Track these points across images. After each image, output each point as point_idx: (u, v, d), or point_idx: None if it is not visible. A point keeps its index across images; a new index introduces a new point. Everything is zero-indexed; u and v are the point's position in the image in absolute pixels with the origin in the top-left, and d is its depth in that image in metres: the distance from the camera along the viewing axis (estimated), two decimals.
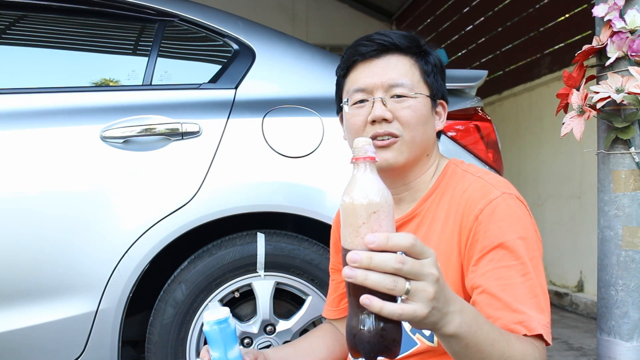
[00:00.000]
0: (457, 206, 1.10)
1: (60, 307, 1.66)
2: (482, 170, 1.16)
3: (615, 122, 1.40)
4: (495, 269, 1.00)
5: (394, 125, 1.12)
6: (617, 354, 1.43)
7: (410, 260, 0.73)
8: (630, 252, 1.42)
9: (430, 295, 0.74)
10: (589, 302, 3.82)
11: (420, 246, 0.74)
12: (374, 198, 0.74)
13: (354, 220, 0.74)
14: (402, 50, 1.16)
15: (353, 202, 0.75)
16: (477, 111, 1.86)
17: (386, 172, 1.16)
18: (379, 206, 0.74)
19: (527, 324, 0.95)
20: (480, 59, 5.61)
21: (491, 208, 1.04)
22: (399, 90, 1.13)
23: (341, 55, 1.25)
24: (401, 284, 0.72)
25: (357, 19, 7.55)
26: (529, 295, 0.99)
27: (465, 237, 1.06)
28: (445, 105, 1.23)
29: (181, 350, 1.74)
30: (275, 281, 1.77)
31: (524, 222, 1.06)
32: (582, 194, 4.03)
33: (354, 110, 1.16)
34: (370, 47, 1.16)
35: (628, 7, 1.37)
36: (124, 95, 1.80)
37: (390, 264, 0.71)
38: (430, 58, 1.18)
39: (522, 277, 1.00)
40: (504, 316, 0.97)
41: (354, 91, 1.17)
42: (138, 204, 1.69)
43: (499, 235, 1.02)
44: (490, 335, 0.86)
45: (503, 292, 0.98)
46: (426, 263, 0.74)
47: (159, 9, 1.89)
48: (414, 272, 0.72)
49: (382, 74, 1.14)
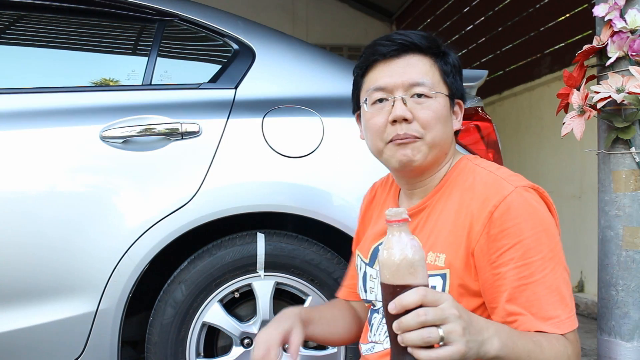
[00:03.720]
0: (469, 200, 1.10)
1: (59, 307, 1.65)
2: (494, 165, 1.18)
3: (616, 122, 1.40)
4: (516, 268, 1.03)
5: (414, 127, 1.13)
6: (618, 354, 1.43)
7: (431, 310, 0.82)
8: (630, 252, 1.42)
9: (460, 331, 0.83)
10: (589, 302, 3.82)
11: (432, 295, 0.84)
12: (409, 254, 0.85)
13: (395, 271, 0.86)
14: (422, 50, 1.17)
15: (391, 256, 0.86)
16: (478, 111, 1.86)
17: (407, 169, 1.17)
18: (413, 260, 0.85)
19: (558, 324, 1.02)
20: (480, 59, 5.60)
21: (506, 205, 1.05)
22: (419, 90, 1.14)
23: (341, 54, 1.26)
24: (434, 334, 0.82)
25: (357, 19, 7.54)
26: (552, 291, 1.03)
27: (479, 231, 1.07)
28: (462, 105, 1.24)
29: (181, 350, 1.74)
30: (275, 281, 1.76)
31: (540, 213, 1.07)
32: (583, 194, 4.02)
33: (374, 110, 1.17)
34: (391, 47, 1.16)
35: (628, 6, 1.37)
36: (123, 95, 1.80)
37: (415, 320, 0.82)
38: (449, 58, 1.20)
39: (542, 272, 1.03)
40: (529, 321, 1.02)
41: (374, 90, 1.17)
42: (138, 204, 1.69)
43: (517, 232, 1.04)
44: (525, 347, 0.94)
45: (526, 291, 1.02)
46: (445, 307, 0.83)
47: (158, 9, 1.88)
48: (437, 318, 0.82)
49: (402, 73, 1.15)
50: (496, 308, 1.05)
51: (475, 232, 1.07)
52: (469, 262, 1.08)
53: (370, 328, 1.26)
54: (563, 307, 1.03)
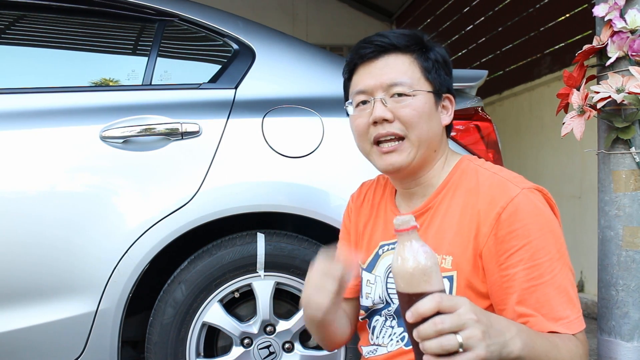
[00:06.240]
0: (474, 202, 1.10)
1: (59, 307, 1.65)
2: (495, 166, 1.18)
3: (616, 122, 1.40)
4: (525, 269, 1.04)
5: (396, 125, 1.14)
6: (618, 354, 1.43)
7: (448, 317, 0.82)
8: (630, 252, 1.42)
9: (479, 336, 0.82)
10: (589, 302, 3.82)
11: (448, 300, 0.83)
12: (422, 262, 0.85)
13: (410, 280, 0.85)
14: (400, 49, 1.18)
15: (404, 265, 0.85)
16: (478, 111, 1.86)
17: (395, 173, 1.18)
18: (426, 267, 0.85)
19: (569, 325, 1.03)
20: (480, 59, 5.60)
21: (513, 206, 1.06)
22: (398, 89, 1.15)
23: (341, 54, 1.27)
24: (452, 341, 0.81)
25: (357, 19, 7.54)
26: (561, 292, 1.04)
27: (486, 233, 1.07)
28: (452, 99, 1.24)
29: (181, 350, 1.74)
30: (275, 281, 1.76)
31: (547, 214, 1.08)
32: (582, 194, 4.02)
33: (357, 112, 1.19)
34: (369, 48, 1.18)
35: (628, 6, 1.37)
36: (123, 95, 1.80)
37: (432, 329, 0.81)
38: (430, 54, 1.19)
39: (551, 273, 1.04)
40: (540, 322, 1.03)
41: (356, 93, 1.20)
42: (138, 204, 1.69)
43: (526, 234, 1.04)
44: (543, 346, 0.95)
45: (536, 293, 1.03)
46: (462, 312, 0.83)
47: (158, 9, 1.89)
48: (455, 325, 0.81)
49: (380, 74, 1.16)
50: (505, 310, 1.05)
51: (483, 234, 1.07)
52: (476, 263, 1.08)
53: (371, 331, 1.25)
54: (572, 308, 1.04)
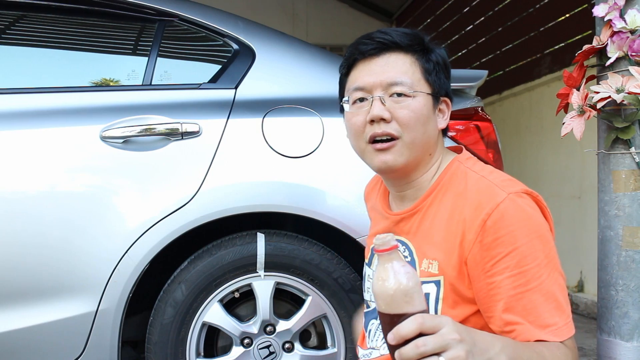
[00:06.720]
0: (462, 206, 1.08)
1: (59, 307, 1.66)
2: (486, 169, 1.15)
3: (616, 122, 1.40)
4: (512, 277, 1.01)
5: (393, 126, 1.11)
6: (617, 354, 1.43)
7: (430, 339, 0.80)
8: (630, 252, 1.42)
9: (463, 356, 0.80)
10: (589, 302, 3.82)
11: (430, 321, 0.81)
12: (402, 282, 0.83)
13: (390, 301, 0.83)
14: (402, 48, 1.15)
15: (384, 286, 0.83)
16: (477, 111, 1.86)
17: (389, 173, 1.16)
18: (407, 288, 0.83)
19: (557, 332, 1.01)
20: (480, 59, 5.60)
21: (499, 213, 1.03)
22: (398, 89, 1.12)
23: (341, 54, 1.25)
24: None
25: (357, 19, 7.54)
26: (549, 298, 1.01)
27: (471, 240, 1.05)
28: (449, 103, 1.22)
29: (181, 350, 1.74)
30: (275, 281, 1.76)
31: (534, 219, 1.05)
32: (582, 194, 4.02)
33: (354, 109, 1.16)
34: (370, 45, 1.15)
35: (628, 6, 1.37)
36: (123, 95, 1.80)
37: (414, 351, 0.79)
38: (432, 56, 1.17)
39: (538, 279, 1.01)
40: (527, 330, 1.01)
41: (354, 90, 1.16)
42: (138, 204, 1.69)
43: (511, 240, 1.02)
44: (530, 359, 0.93)
45: (523, 300, 1.01)
46: (445, 332, 0.81)
47: (158, 9, 1.89)
48: (438, 346, 0.80)
49: (381, 72, 1.13)
50: (492, 317, 1.03)
51: (468, 241, 1.05)
52: (462, 270, 1.06)
53: (367, 334, 1.25)
54: (560, 314, 1.01)
